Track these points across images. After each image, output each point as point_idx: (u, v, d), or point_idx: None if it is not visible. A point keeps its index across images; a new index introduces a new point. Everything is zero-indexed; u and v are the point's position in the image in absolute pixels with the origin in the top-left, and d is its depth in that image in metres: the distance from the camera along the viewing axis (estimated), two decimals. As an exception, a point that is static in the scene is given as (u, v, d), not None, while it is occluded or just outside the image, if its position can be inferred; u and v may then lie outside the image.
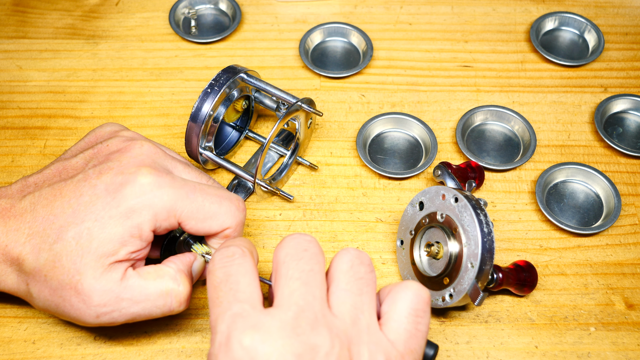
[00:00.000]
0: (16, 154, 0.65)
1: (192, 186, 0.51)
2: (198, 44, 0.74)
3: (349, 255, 0.46)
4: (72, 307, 0.49)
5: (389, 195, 0.64)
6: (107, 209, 0.48)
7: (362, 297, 0.45)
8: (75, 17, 0.76)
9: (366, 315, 0.45)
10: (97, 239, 0.48)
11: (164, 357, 0.54)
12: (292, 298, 0.43)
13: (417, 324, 0.46)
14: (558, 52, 0.74)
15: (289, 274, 0.44)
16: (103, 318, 0.49)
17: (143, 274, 0.50)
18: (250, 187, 0.63)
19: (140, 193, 0.49)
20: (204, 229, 0.51)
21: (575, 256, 0.61)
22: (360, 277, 0.46)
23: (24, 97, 0.69)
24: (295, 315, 0.42)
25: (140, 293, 0.49)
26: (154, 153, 0.52)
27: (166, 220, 0.50)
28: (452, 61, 0.73)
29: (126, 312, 0.49)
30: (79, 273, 0.48)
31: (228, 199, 0.52)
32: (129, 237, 0.48)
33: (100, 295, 0.48)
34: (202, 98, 0.59)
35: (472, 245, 0.53)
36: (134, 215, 0.48)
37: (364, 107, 0.69)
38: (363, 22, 0.76)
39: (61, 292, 0.48)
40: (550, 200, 0.64)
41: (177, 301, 0.50)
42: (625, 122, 0.69)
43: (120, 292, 0.48)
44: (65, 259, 0.48)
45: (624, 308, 0.58)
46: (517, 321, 0.57)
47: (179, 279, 0.50)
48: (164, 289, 0.50)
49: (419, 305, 0.46)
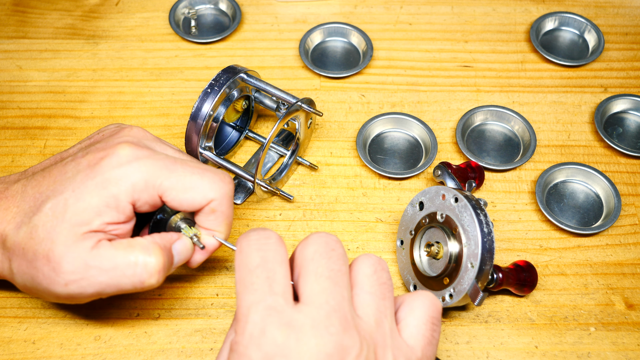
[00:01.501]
0: (16, 154, 0.65)
1: (173, 159, 0.50)
2: (198, 44, 0.74)
3: (371, 260, 0.47)
4: (44, 277, 0.48)
5: (389, 195, 0.64)
6: (84, 180, 0.49)
7: (385, 301, 0.45)
8: (75, 17, 0.76)
9: (389, 320, 0.45)
10: (72, 208, 0.48)
11: (164, 357, 0.54)
12: (322, 296, 0.43)
13: (434, 332, 0.47)
14: (558, 52, 0.74)
15: (319, 271, 0.44)
16: (71, 287, 0.48)
17: (115, 244, 0.49)
18: (250, 187, 0.63)
19: (117, 164, 0.49)
20: (186, 201, 0.50)
21: (575, 256, 0.61)
22: (383, 282, 0.46)
23: (24, 97, 0.69)
24: (328, 315, 0.42)
25: (108, 261, 0.48)
26: (141, 135, 0.52)
27: (145, 191, 0.49)
28: (452, 61, 0.73)
29: (95, 281, 0.48)
30: (51, 241, 0.48)
31: (211, 171, 0.51)
32: (104, 207, 0.48)
33: (69, 262, 0.47)
34: (202, 98, 0.59)
35: (472, 245, 0.53)
36: (110, 185, 0.48)
37: (364, 107, 0.69)
38: (363, 22, 0.76)
39: (35, 263, 0.48)
40: (550, 200, 0.64)
41: (147, 272, 0.48)
42: (625, 122, 0.69)
43: (90, 259, 0.48)
44: (41, 229, 0.48)
45: (624, 308, 0.58)
46: (517, 321, 0.57)
47: (151, 250, 0.49)
48: (134, 259, 0.48)
49: (435, 314, 0.47)
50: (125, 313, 0.56)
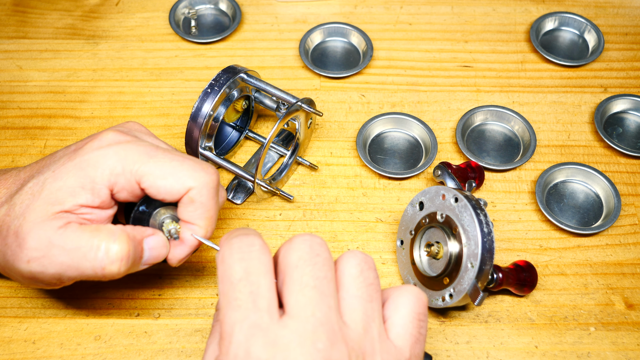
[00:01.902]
0: (16, 154, 0.65)
1: (156, 147, 0.50)
2: (198, 44, 0.74)
3: (357, 259, 0.45)
4: (11, 253, 0.48)
5: (389, 195, 0.64)
6: (64, 162, 0.49)
7: (372, 303, 0.44)
8: (75, 17, 0.76)
9: (376, 323, 0.44)
10: (48, 187, 0.48)
11: (164, 357, 0.54)
12: (308, 309, 0.42)
13: (420, 328, 0.46)
14: (558, 52, 0.74)
15: (304, 280, 0.42)
16: (33, 264, 0.48)
17: (83, 228, 0.48)
18: (250, 187, 0.63)
19: (97, 147, 0.49)
20: (164, 189, 0.49)
21: (575, 256, 0.61)
22: (370, 282, 0.45)
23: (24, 97, 0.69)
24: (314, 329, 0.41)
25: (72, 242, 0.47)
26: (135, 128, 0.53)
27: (122, 176, 0.48)
28: (452, 61, 0.73)
29: (55, 260, 0.47)
30: (23, 218, 0.48)
31: (193, 160, 0.50)
32: (79, 189, 0.48)
33: (33, 239, 0.47)
34: (202, 98, 0.59)
35: (472, 245, 0.53)
36: (87, 167, 0.48)
37: (364, 107, 0.69)
38: (363, 22, 0.76)
39: (7, 240, 0.48)
40: (550, 200, 0.64)
41: (107, 258, 0.47)
42: (625, 122, 0.69)
43: (54, 238, 0.47)
44: (18, 207, 0.49)
45: (624, 308, 0.58)
46: (517, 321, 0.57)
47: (116, 236, 0.48)
48: (97, 242, 0.47)
49: (420, 309, 0.46)
50: (125, 313, 0.56)
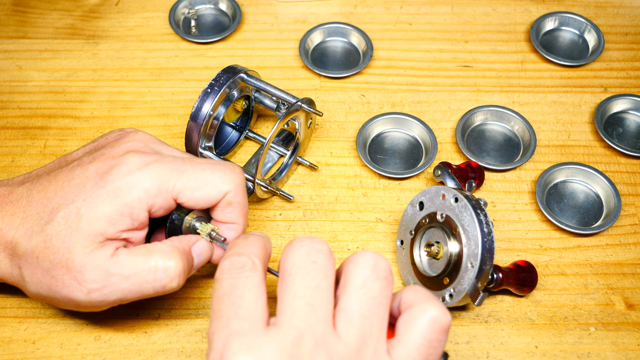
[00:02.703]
0: (16, 154, 0.65)
1: (181, 159, 0.51)
2: (198, 44, 0.74)
3: (365, 266, 0.43)
4: (64, 286, 0.48)
5: (389, 195, 0.64)
6: (95, 189, 0.49)
7: (372, 320, 0.42)
8: (75, 17, 0.76)
9: (374, 340, 0.42)
10: (86, 217, 0.48)
11: (164, 357, 0.54)
12: (293, 320, 0.41)
13: (429, 355, 0.42)
14: (558, 52, 0.74)
15: (293, 290, 0.42)
16: (94, 295, 0.48)
17: (134, 251, 0.49)
18: (250, 187, 0.63)
19: (127, 172, 0.49)
20: (202, 199, 0.50)
21: (575, 256, 0.61)
22: (374, 295, 0.42)
23: (24, 97, 0.69)
24: (294, 341, 0.40)
25: (129, 267, 0.48)
26: (147, 139, 0.53)
27: (159, 196, 0.49)
28: (452, 61, 0.73)
29: (117, 288, 0.48)
30: (69, 251, 0.48)
31: (220, 164, 0.51)
32: (118, 216, 0.48)
33: (90, 271, 0.48)
34: (202, 98, 0.59)
35: (472, 245, 0.53)
36: (122, 193, 0.48)
37: (364, 107, 0.69)
38: (363, 22, 0.76)
39: (53, 272, 0.48)
40: (550, 200, 0.64)
41: (167, 276, 0.49)
42: (625, 122, 0.69)
43: (110, 267, 0.48)
44: (55, 238, 0.48)
45: (624, 308, 0.58)
46: (517, 321, 0.57)
47: (169, 253, 0.49)
48: (154, 264, 0.48)
49: (434, 336, 0.42)
50: (125, 313, 0.56)
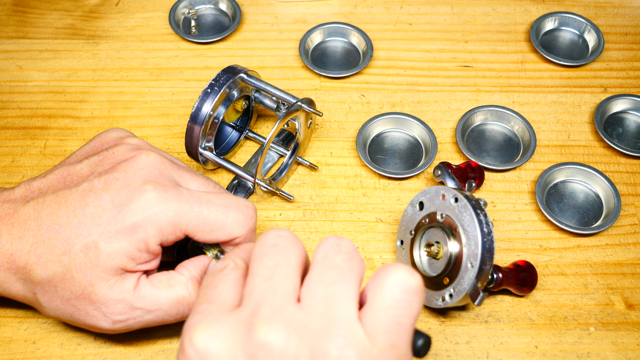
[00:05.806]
0: (16, 154, 0.65)
1: (198, 198, 0.51)
2: (198, 44, 0.74)
3: (326, 244, 0.44)
4: (88, 315, 0.50)
5: (389, 195, 0.64)
6: (113, 223, 0.49)
7: (334, 287, 0.42)
8: (75, 17, 0.76)
9: (338, 307, 0.41)
10: (105, 252, 0.48)
11: (164, 357, 0.54)
12: (252, 295, 0.42)
13: (398, 317, 0.42)
14: (558, 52, 0.74)
15: (253, 271, 0.43)
16: (118, 325, 0.50)
17: (155, 283, 0.50)
18: (250, 187, 0.63)
19: (145, 209, 0.49)
20: (211, 240, 0.51)
21: (575, 256, 0.61)
22: (334, 265, 0.43)
23: (24, 97, 0.69)
24: (252, 312, 0.41)
25: (152, 302, 0.50)
26: (160, 163, 0.52)
27: (172, 234, 0.50)
28: (452, 61, 0.73)
29: (140, 320, 0.50)
30: (91, 285, 0.49)
31: (236, 208, 0.52)
32: (135, 251, 0.49)
33: (115, 304, 0.49)
34: (202, 98, 0.59)
35: (472, 245, 0.53)
36: (139, 230, 0.49)
37: (364, 107, 0.69)
38: (363, 22, 0.76)
39: (74, 302, 0.49)
40: (550, 200, 0.64)
41: (188, 308, 0.51)
42: (625, 122, 0.69)
43: (134, 301, 0.49)
44: (75, 271, 0.49)
45: (624, 308, 0.58)
46: (517, 321, 0.57)
47: (190, 287, 0.51)
48: (176, 298, 0.50)
49: (401, 296, 0.42)
50: (125, 313, 0.56)
